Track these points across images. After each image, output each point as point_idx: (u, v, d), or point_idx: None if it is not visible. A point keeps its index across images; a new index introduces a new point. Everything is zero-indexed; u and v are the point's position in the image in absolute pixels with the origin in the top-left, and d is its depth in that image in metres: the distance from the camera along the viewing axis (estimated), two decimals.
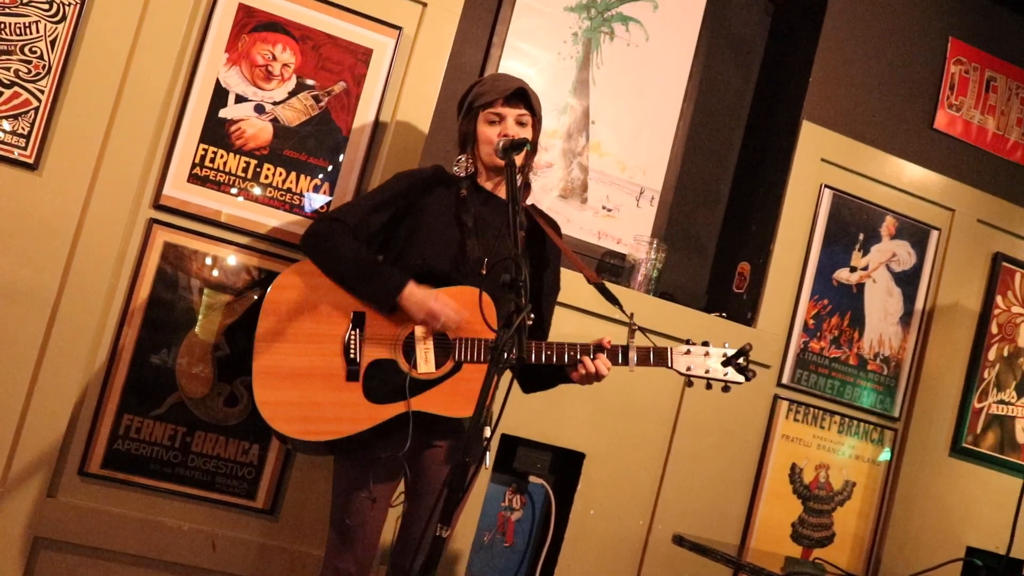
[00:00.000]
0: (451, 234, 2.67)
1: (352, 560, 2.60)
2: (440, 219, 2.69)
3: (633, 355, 2.57)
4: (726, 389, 2.64)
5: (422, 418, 2.53)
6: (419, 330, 2.56)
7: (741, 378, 2.63)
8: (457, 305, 2.54)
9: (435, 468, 2.68)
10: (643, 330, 2.61)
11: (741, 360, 2.62)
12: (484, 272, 2.63)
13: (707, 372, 2.63)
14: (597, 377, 2.57)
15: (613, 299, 2.68)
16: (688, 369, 2.62)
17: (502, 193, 2.76)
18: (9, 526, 2.89)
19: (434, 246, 2.65)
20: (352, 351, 2.55)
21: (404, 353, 2.57)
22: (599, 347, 2.57)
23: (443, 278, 2.61)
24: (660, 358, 2.61)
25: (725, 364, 2.62)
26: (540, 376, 2.74)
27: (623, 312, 2.61)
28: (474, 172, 2.75)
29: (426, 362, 2.55)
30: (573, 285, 3.24)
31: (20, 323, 2.90)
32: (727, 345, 2.66)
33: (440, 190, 2.73)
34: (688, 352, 2.62)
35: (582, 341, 2.58)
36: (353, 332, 2.57)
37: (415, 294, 2.53)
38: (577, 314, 3.45)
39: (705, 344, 2.64)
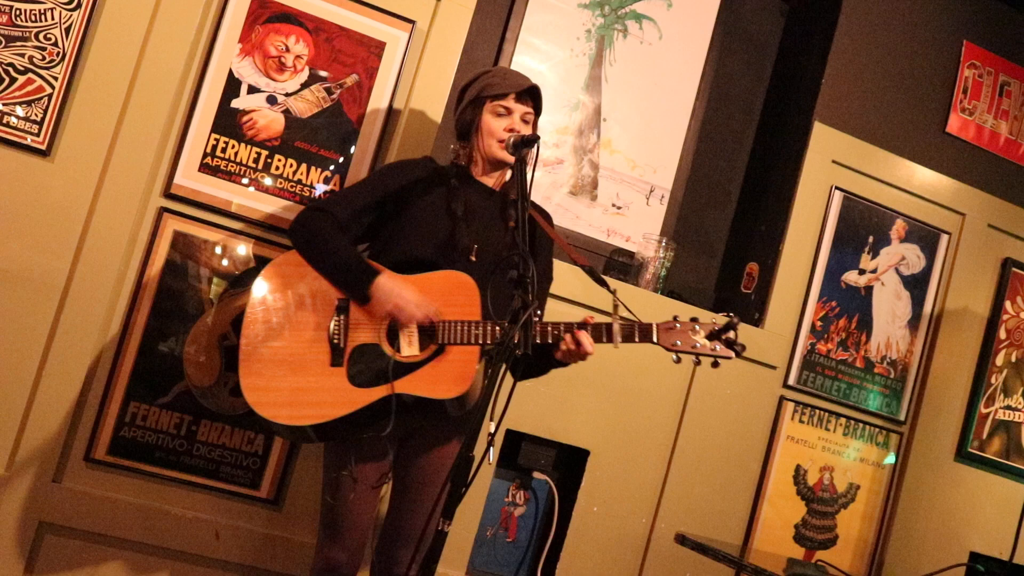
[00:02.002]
0: (440, 223, 2.66)
1: (342, 549, 2.62)
2: (428, 208, 2.68)
3: (617, 332, 2.54)
4: (715, 364, 2.55)
5: (406, 401, 2.52)
6: None
7: (730, 352, 2.54)
8: (421, 300, 2.52)
9: (421, 458, 2.68)
10: (626, 307, 2.57)
11: (730, 334, 2.54)
12: (475, 259, 2.62)
13: (694, 347, 2.54)
14: (580, 355, 2.52)
15: (600, 280, 2.65)
16: (674, 345, 2.55)
17: (492, 183, 2.77)
18: (14, 511, 2.89)
19: (421, 234, 2.65)
20: (336, 337, 2.55)
21: (388, 337, 2.56)
22: (582, 325, 2.54)
23: (430, 265, 2.60)
24: (644, 334, 2.55)
25: (712, 338, 2.54)
26: (528, 366, 2.72)
27: (608, 290, 2.59)
28: (466, 163, 2.74)
29: (410, 345, 2.54)
30: (565, 275, 3.23)
31: (30, 308, 2.90)
32: (715, 320, 2.58)
33: (428, 180, 2.72)
34: (673, 328, 2.56)
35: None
36: (338, 318, 2.57)
37: (384, 286, 2.51)
38: (568, 305, 3.42)
39: (693, 319, 2.58)
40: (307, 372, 2.54)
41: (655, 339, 2.56)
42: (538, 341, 2.54)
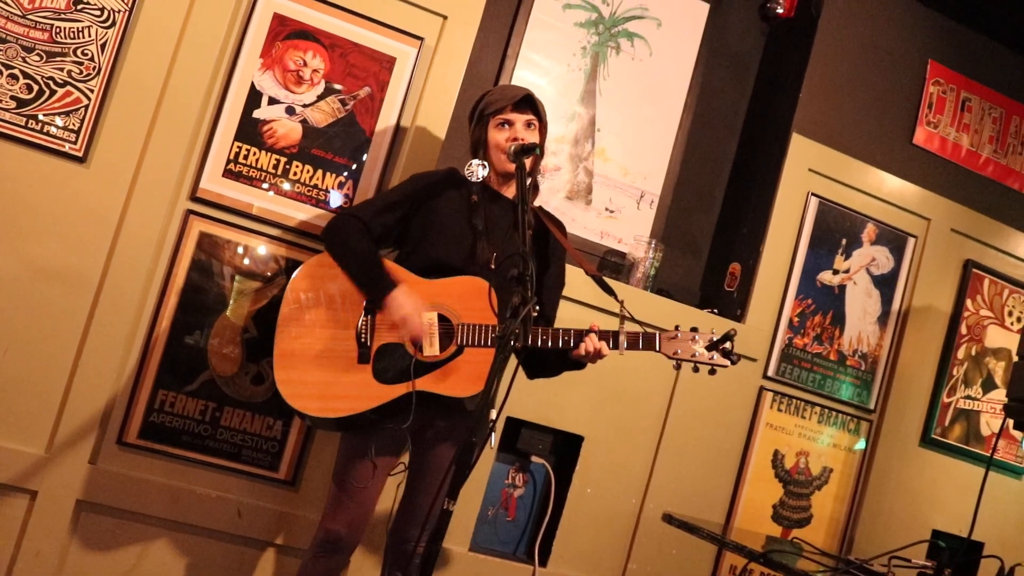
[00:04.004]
0: (463, 233, 2.66)
1: (343, 523, 2.60)
2: (452, 218, 2.68)
3: (623, 339, 2.54)
4: (712, 372, 2.57)
5: (426, 397, 2.52)
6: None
7: (726, 361, 2.57)
8: (421, 324, 2.52)
9: (437, 446, 2.68)
10: (633, 319, 2.57)
11: (727, 344, 2.56)
12: (494, 267, 2.62)
13: (693, 356, 2.56)
14: (599, 355, 2.54)
15: (609, 289, 2.67)
16: (675, 353, 2.56)
17: (510, 194, 2.75)
18: (54, 489, 2.90)
19: (446, 243, 2.65)
20: (363, 336, 2.55)
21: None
22: (590, 331, 2.55)
23: (454, 271, 2.61)
24: (648, 342, 2.56)
25: (711, 348, 2.56)
26: (544, 363, 2.73)
27: (616, 300, 2.60)
28: (487, 175, 2.74)
29: (431, 346, 2.54)
30: (574, 279, 3.23)
31: (67, 303, 2.90)
32: (713, 331, 2.60)
33: (452, 190, 2.73)
34: (675, 337, 2.57)
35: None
36: (365, 319, 2.58)
37: (397, 299, 2.52)
38: (576, 306, 3.43)
39: (693, 330, 2.58)
40: (336, 368, 2.55)
41: (658, 348, 2.57)
42: (550, 346, 2.53)
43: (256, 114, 3.09)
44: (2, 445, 2.85)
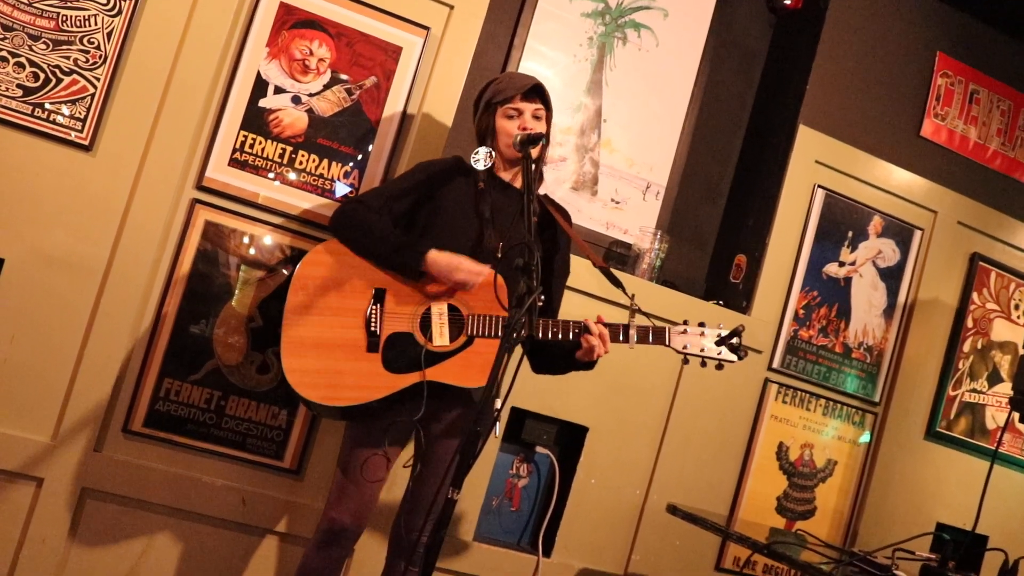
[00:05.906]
0: (469, 222, 2.65)
1: (347, 512, 2.59)
2: (459, 206, 2.68)
3: (633, 333, 2.55)
4: (720, 367, 2.59)
5: (435, 387, 2.51)
6: (435, 306, 2.55)
7: (734, 357, 2.59)
8: (474, 263, 2.52)
9: (444, 438, 2.68)
10: (643, 312, 2.57)
11: (734, 340, 2.58)
12: (500, 256, 2.61)
13: (702, 350, 2.58)
14: (604, 348, 2.53)
15: (617, 282, 2.66)
16: (684, 347, 2.57)
17: (517, 183, 2.75)
18: (59, 477, 2.90)
19: (452, 232, 2.64)
20: (373, 324, 2.55)
21: (421, 327, 2.56)
22: (595, 323, 2.54)
23: None
24: (658, 336, 2.57)
25: (719, 343, 2.57)
26: (551, 360, 2.72)
27: (625, 294, 2.59)
28: (492, 164, 2.74)
29: (441, 336, 2.54)
30: (580, 270, 3.22)
31: (73, 292, 2.90)
32: (721, 326, 2.61)
33: (459, 179, 2.72)
34: (684, 331, 2.58)
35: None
36: (374, 307, 2.56)
37: (440, 259, 2.52)
38: (583, 297, 3.43)
39: (701, 325, 2.60)
40: (345, 357, 2.54)
41: (668, 342, 2.57)
42: (560, 337, 2.52)
43: (262, 103, 3.08)
44: (8, 432, 2.86)
